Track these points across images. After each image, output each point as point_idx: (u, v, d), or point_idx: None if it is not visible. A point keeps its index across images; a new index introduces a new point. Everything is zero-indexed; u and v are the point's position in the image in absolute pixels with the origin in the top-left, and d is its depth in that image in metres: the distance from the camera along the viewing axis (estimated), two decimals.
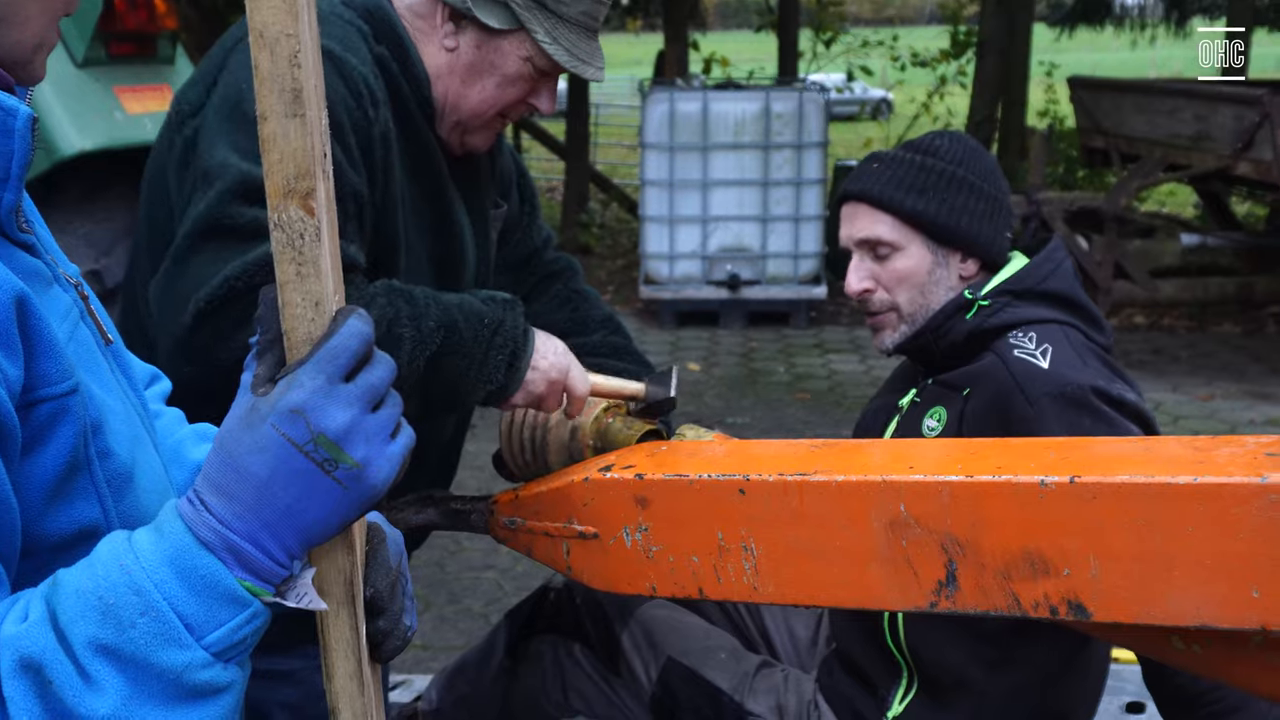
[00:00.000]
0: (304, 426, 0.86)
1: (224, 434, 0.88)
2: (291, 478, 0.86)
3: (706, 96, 8.35)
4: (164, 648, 0.83)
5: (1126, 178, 7.94)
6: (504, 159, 2.05)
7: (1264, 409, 6.39)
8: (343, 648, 0.98)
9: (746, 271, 8.36)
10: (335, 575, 0.96)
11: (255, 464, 0.86)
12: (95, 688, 0.82)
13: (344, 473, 0.87)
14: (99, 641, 0.82)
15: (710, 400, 6.69)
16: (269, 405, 0.87)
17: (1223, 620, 1.25)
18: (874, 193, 1.89)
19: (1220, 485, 1.22)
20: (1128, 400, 1.74)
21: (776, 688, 2.03)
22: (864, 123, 21.79)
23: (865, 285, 1.93)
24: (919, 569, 1.37)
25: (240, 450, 0.86)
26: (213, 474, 0.87)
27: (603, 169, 14.23)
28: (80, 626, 0.82)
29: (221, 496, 0.87)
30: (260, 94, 0.88)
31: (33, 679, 0.81)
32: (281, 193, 0.90)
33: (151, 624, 0.83)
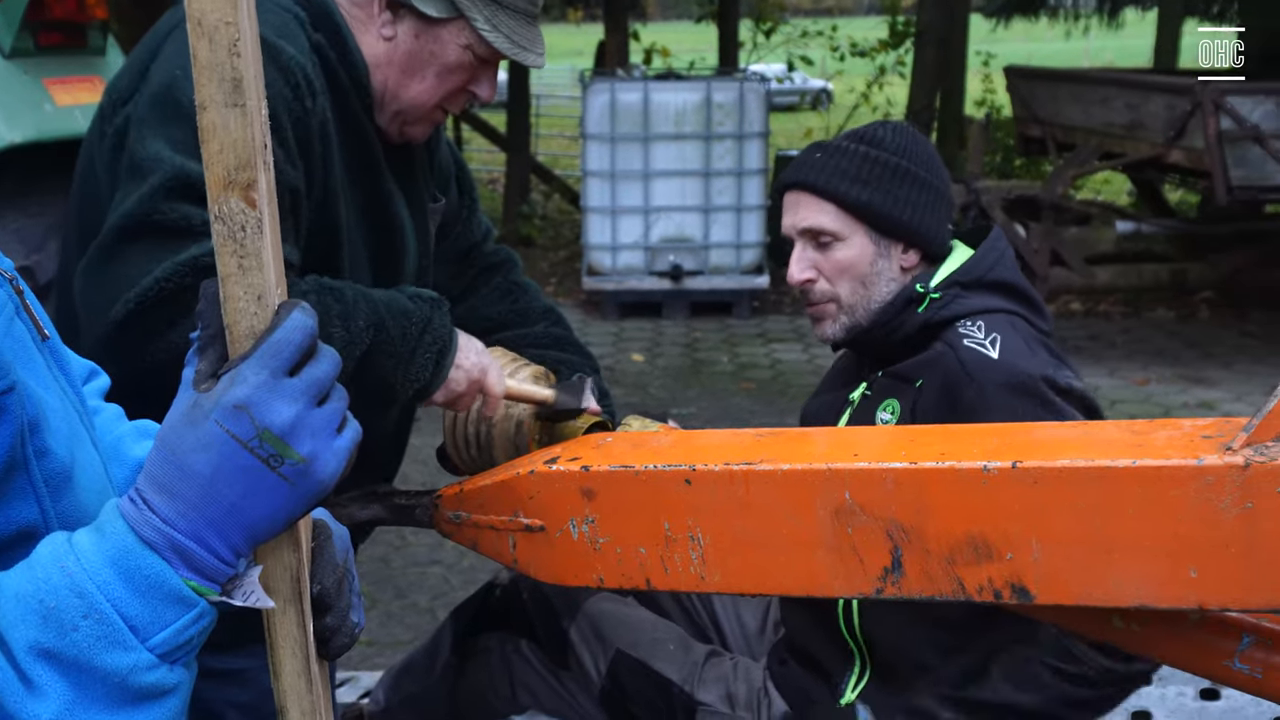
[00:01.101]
0: (248, 422, 0.84)
1: (166, 431, 0.86)
2: (236, 474, 0.85)
3: (647, 87, 8.34)
4: (108, 650, 0.82)
5: (1062, 166, 8.05)
6: (442, 153, 2.03)
7: (1198, 392, 6.51)
8: (290, 645, 0.96)
9: (689, 262, 8.37)
10: (281, 572, 0.95)
11: (199, 461, 0.84)
12: (37, 693, 0.80)
13: (290, 468, 0.86)
14: (40, 646, 0.81)
15: (655, 391, 6.70)
16: (212, 401, 0.85)
17: (1161, 600, 1.27)
18: (818, 182, 1.90)
19: (1158, 468, 1.24)
20: (1074, 388, 1.76)
21: (725, 677, 2.03)
22: (804, 113, 21.91)
23: (807, 275, 1.93)
24: (865, 556, 1.38)
25: (183, 447, 0.85)
26: (155, 472, 0.86)
27: (544, 160, 14.18)
28: (20, 631, 0.81)
29: (164, 495, 0.85)
30: (199, 83, 0.87)
31: None
32: (222, 184, 0.88)
33: (94, 626, 0.82)
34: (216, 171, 0.88)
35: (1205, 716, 2.76)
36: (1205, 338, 7.66)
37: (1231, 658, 1.44)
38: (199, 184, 1.49)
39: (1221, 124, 6.92)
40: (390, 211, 1.80)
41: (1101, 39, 21.77)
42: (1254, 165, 7.01)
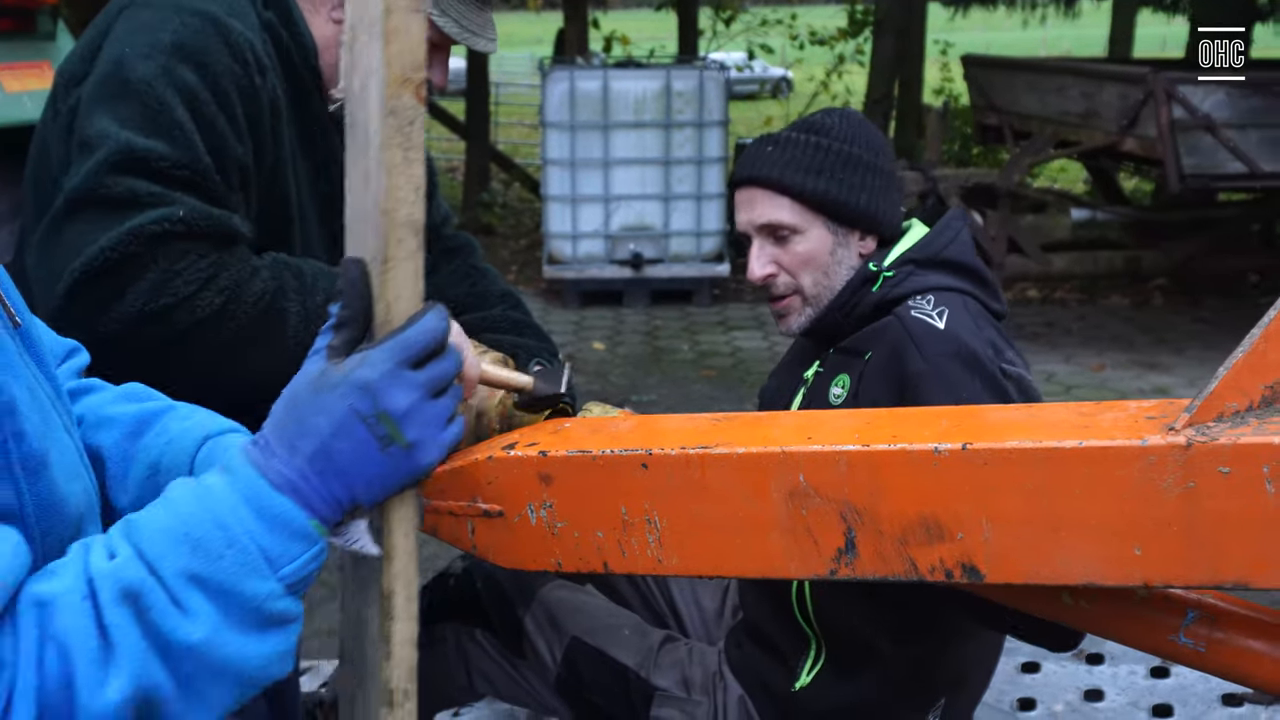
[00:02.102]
0: (370, 402, 0.95)
1: (295, 392, 0.97)
2: (350, 442, 0.95)
3: (607, 75, 8.34)
4: (248, 578, 0.90)
5: (1019, 154, 8.13)
6: None
7: (1152, 378, 6.61)
8: (403, 527, 1.09)
9: (649, 250, 8.38)
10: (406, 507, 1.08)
11: (321, 423, 0.95)
12: (190, 615, 0.88)
13: (396, 449, 0.97)
14: (190, 572, 0.88)
15: (616, 379, 6.71)
16: (341, 375, 0.96)
17: (1108, 578, 1.30)
18: (772, 176, 1.90)
19: (1104, 448, 1.27)
20: (1013, 373, 1.78)
21: (681, 662, 2.05)
22: (764, 101, 21.94)
23: (769, 270, 1.93)
24: (819, 537, 1.39)
25: (309, 410, 0.95)
26: (279, 426, 0.96)
27: (504, 148, 14.14)
28: (171, 560, 0.88)
29: (286, 446, 0.95)
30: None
31: (132, 608, 0.86)
32: (399, 81, 0.97)
33: (237, 556, 0.90)
34: (395, 70, 0.97)
35: (1156, 694, 2.81)
36: (1159, 324, 7.76)
37: (1176, 633, 1.48)
38: (145, 158, 1.49)
39: (1174, 113, 7.01)
40: (343, 191, 1.79)
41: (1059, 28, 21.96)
42: (1206, 154, 7.11)
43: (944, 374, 1.71)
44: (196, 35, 1.56)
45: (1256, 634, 1.45)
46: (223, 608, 0.89)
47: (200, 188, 1.53)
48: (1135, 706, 2.77)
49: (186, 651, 0.87)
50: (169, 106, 1.51)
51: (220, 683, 0.89)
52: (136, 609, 0.86)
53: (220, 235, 1.53)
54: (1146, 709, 2.75)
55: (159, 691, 0.86)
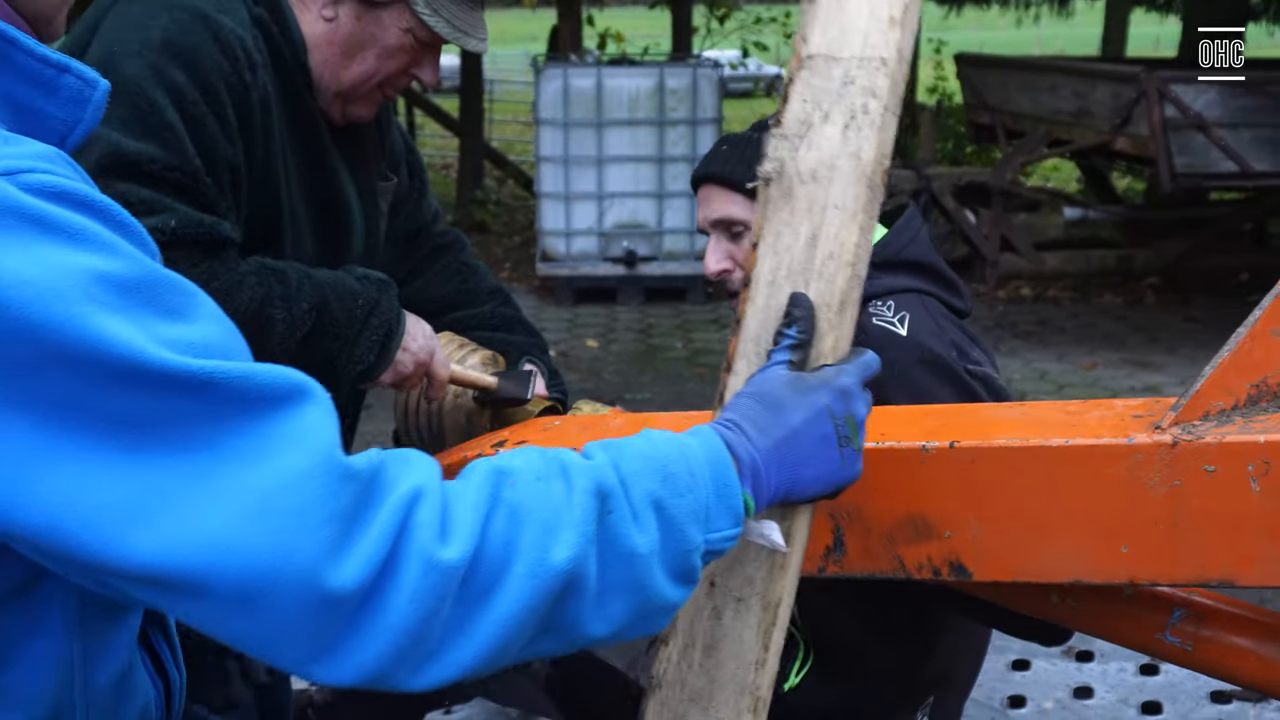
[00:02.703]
0: (844, 404, 1.08)
1: (766, 388, 1.08)
2: (816, 436, 1.06)
3: (601, 72, 8.33)
4: (693, 524, 0.98)
5: (1012, 153, 8.14)
6: (393, 133, 2.03)
7: (1144, 376, 6.62)
8: (798, 550, 1.19)
9: (643, 248, 8.38)
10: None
11: (795, 416, 1.06)
12: (641, 530, 0.95)
13: (849, 451, 1.09)
14: (655, 497, 0.97)
15: (609, 377, 6.71)
16: (819, 380, 1.09)
17: (1095, 575, 1.31)
18: (723, 173, 1.91)
19: (1090, 447, 1.27)
20: (978, 372, 1.77)
21: None
22: (759, 99, 21.96)
23: (723, 265, 1.94)
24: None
25: (786, 404, 1.06)
26: (750, 413, 1.06)
27: (498, 145, 14.12)
28: (642, 481, 0.97)
29: (757, 429, 1.05)
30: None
31: (598, 504, 0.94)
32: (878, 164, 1.14)
33: (692, 502, 0.98)
34: (879, 155, 1.13)
35: (1145, 691, 2.82)
36: (1151, 323, 7.78)
37: (1163, 631, 1.49)
38: (136, 162, 1.49)
39: (1166, 112, 7.03)
40: (335, 187, 1.79)
41: (1052, 27, 21.97)
42: (1197, 153, 7.13)
43: (909, 381, 1.70)
44: (186, 32, 1.56)
45: (1242, 631, 1.46)
46: (664, 539, 0.97)
47: (191, 191, 1.53)
48: (1125, 704, 2.78)
49: (624, 559, 0.94)
50: (159, 108, 1.51)
51: (626, 602, 0.96)
52: (601, 506, 0.94)
53: (210, 242, 1.54)
54: (1136, 706, 2.77)
55: (584, 581, 0.92)
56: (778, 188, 1.16)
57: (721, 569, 1.19)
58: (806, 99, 1.14)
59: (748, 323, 1.18)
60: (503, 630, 0.89)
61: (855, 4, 1.13)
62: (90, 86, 0.95)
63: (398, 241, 2.07)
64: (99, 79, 0.96)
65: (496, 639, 0.89)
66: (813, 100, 1.14)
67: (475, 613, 0.88)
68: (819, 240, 1.14)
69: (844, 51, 1.13)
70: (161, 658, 1.16)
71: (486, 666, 0.90)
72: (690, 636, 1.20)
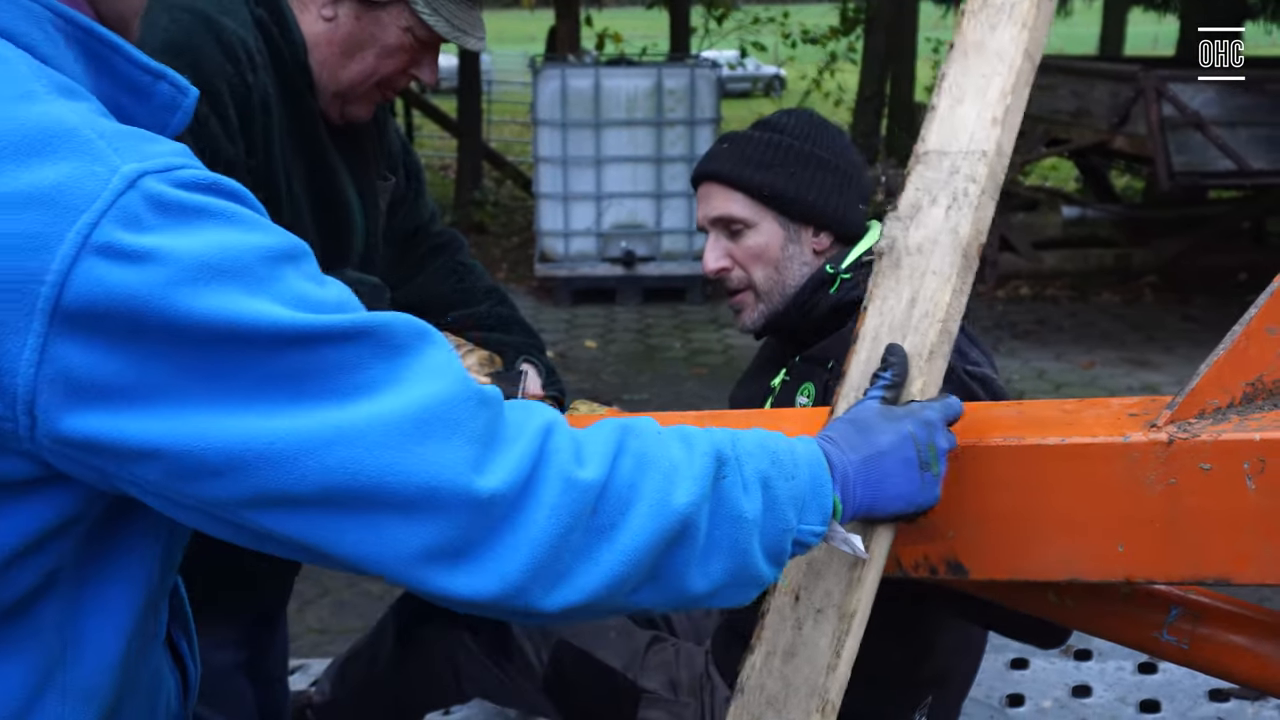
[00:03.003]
0: (926, 433, 1.19)
1: (861, 415, 1.21)
2: (899, 459, 1.17)
3: (599, 73, 8.34)
4: (790, 509, 1.08)
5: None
6: (390, 134, 2.03)
7: (1142, 375, 6.63)
8: (877, 566, 1.30)
9: (641, 248, 8.39)
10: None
11: (883, 439, 1.18)
12: (749, 498, 1.05)
13: (929, 476, 1.19)
14: (764, 475, 1.07)
15: (607, 377, 6.72)
16: (906, 411, 1.22)
17: (1091, 574, 1.31)
18: (723, 171, 1.91)
19: (1086, 445, 1.28)
20: (977, 373, 1.78)
21: (668, 663, 2.04)
22: (757, 99, 21.97)
23: (722, 264, 1.94)
24: None
25: (875, 428, 1.19)
26: (844, 432, 1.19)
27: (496, 146, 14.12)
28: (755, 460, 1.07)
29: (848, 445, 1.17)
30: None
31: (714, 468, 1.04)
32: (976, 239, 1.31)
33: (792, 489, 1.08)
34: (977, 230, 1.32)
35: (1143, 689, 2.82)
36: (1149, 321, 7.78)
37: (1160, 630, 1.49)
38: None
39: (1163, 111, 7.04)
40: (335, 187, 1.79)
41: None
42: (1195, 151, 7.14)
43: None
44: (188, 33, 1.56)
45: (1239, 629, 1.46)
46: (766, 514, 1.06)
47: None
48: (1123, 702, 2.78)
49: (732, 520, 1.04)
50: None
51: (726, 562, 1.04)
52: (717, 470, 1.04)
53: None
54: (1134, 705, 2.77)
55: (695, 532, 1.01)
56: (888, 260, 1.33)
57: (806, 583, 1.29)
58: (919, 188, 1.32)
59: (851, 373, 1.33)
60: (624, 563, 0.97)
61: (965, 110, 1.32)
62: (182, 94, 1.01)
63: (395, 242, 2.07)
64: (189, 87, 1.01)
65: (618, 570, 0.97)
66: (924, 188, 1.32)
67: (602, 541, 0.97)
68: (917, 301, 1.29)
69: (952, 146, 1.32)
70: (180, 651, 1.18)
71: (604, 599, 0.98)
72: (773, 645, 1.30)
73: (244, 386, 0.86)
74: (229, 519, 0.90)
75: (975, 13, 1.37)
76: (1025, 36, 1.33)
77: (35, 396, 0.83)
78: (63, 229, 0.81)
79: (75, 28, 0.94)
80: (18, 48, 0.89)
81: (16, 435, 0.84)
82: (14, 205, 0.82)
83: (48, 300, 0.81)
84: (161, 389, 0.84)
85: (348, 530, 0.90)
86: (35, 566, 0.92)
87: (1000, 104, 1.31)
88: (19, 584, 0.92)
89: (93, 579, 0.96)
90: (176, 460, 0.85)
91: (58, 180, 0.83)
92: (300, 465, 0.86)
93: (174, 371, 0.84)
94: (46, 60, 0.91)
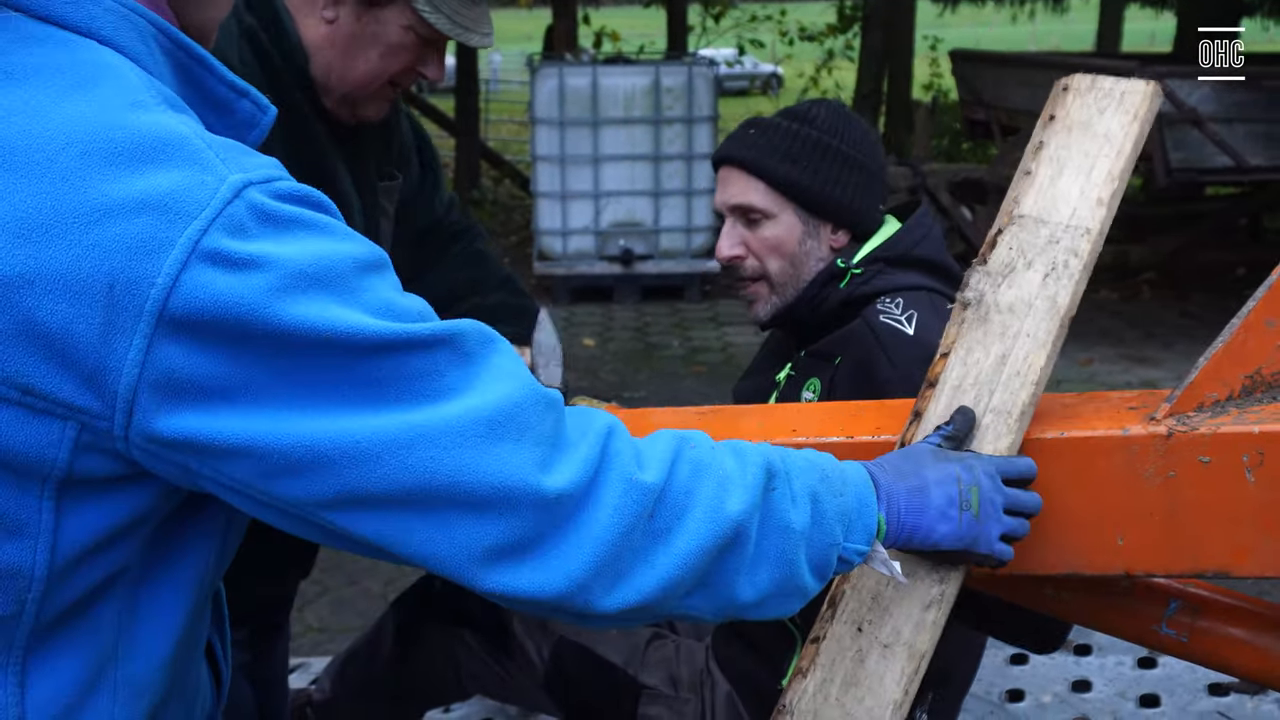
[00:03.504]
0: (970, 475, 1.22)
1: (915, 452, 1.25)
2: (940, 491, 1.20)
3: (596, 71, 8.33)
4: (836, 525, 1.11)
5: (1007, 149, 8.14)
6: (401, 130, 2.02)
7: (1140, 372, 6.63)
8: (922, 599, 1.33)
9: (639, 246, 8.38)
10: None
11: (929, 472, 1.21)
12: (797, 511, 1.08)
13: (968, 515, 1.21)
14: (813, 491, 1.10)
15: (606, 375, 6.72)
16: (957, 455, 1.25)
17: (1090, 567, 1.31)
18: (748, 159, 1.89)
19: (1085, 439, 1.28)
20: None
21: (669, 659, 2.04)
22: (755, 97, 21.95)
23: (736, 251, 1.92)
24: None
25: (922, 463, 1.22)
26: (893, 461, 1.22)
27: (494, 145, 14.12)
28: (804, 477, 1.11)
29: (895, 473, 1.20)
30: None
31: (766, 478, 1.07)
32: (1067, 312, 1.34)
33: (839, 505, 1.12)
34: (1072, 304, 1.34)
35: (1143, 684, 2.82)
36: (1147, 318, 7.79)
37: (1159, 623, 1.49)
38: None
39: (1160, 107, 7.03)
40: (335, 190, 1.79)
41: (1047, 23, 21.99)
42: (1193, 148, 7.14)
43: (914, 380, 1.70)
44: None
45: (1238, 622, 1.47)
46: (814, 527, 1.09)
47: None
48: (1123, 697, 2.79)
49: (781, 531, 1.07)
50: None
51: (773, 572, 1.07)
52: (768, 482, 1.07)
53: None
54: (1134, 699, 2.77)
55: (746, 540, 1.05)
56: (974, 313, 1.36)
57: (872, 617, 1.32)
58: (1013, 248, 1.37)
59: (928, 416, 1.35)
60: (679, 567, 1.00)
61: (1067, 184, 1.37)
62: (261, 112, 1.05)
63: (412, 239, 2.06)
64: (269, 106, 1.05)
65: (674, 574, 1.00)
66: (1019, 250, 1.36)
67: (659, 544, 1.00)
68: (1008, 360, 1.33)
69: (1052, 217, 1.36)
70: (215, 652, 1.20)
71: (659, 602, 1.01)
72: (830, 673, 1.31)
73: (333, 390, 0.90)
74: (306, 517, 0.94)
75: (1082, 92, 1.43)
76: (1136, 129, 1.39)
77: (136, 396, 0.86)
78: (174, 235, 0.84)
79: (171, 42, 0.97)
80: (127, 58, 0.93)
81: (110, 434, 0.87)
82: (128, 210, 0.84)
83: (156, 303, 0.84)
84: (257, 391, 0.88)
85: (418, 529, 0.93)
86: (103, 565, 0.94)
87: (1107, 186, 1.37)
88: (85, 581, 0.94)
89: (151, 579, 0.99)
90: (266, 458, 0.89)
91: (171, 187, 0.85)
92: (382, 465, 0.90)
93: (270, 375, 0.88)
94: (149, 72, 0.94)
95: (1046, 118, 1.42)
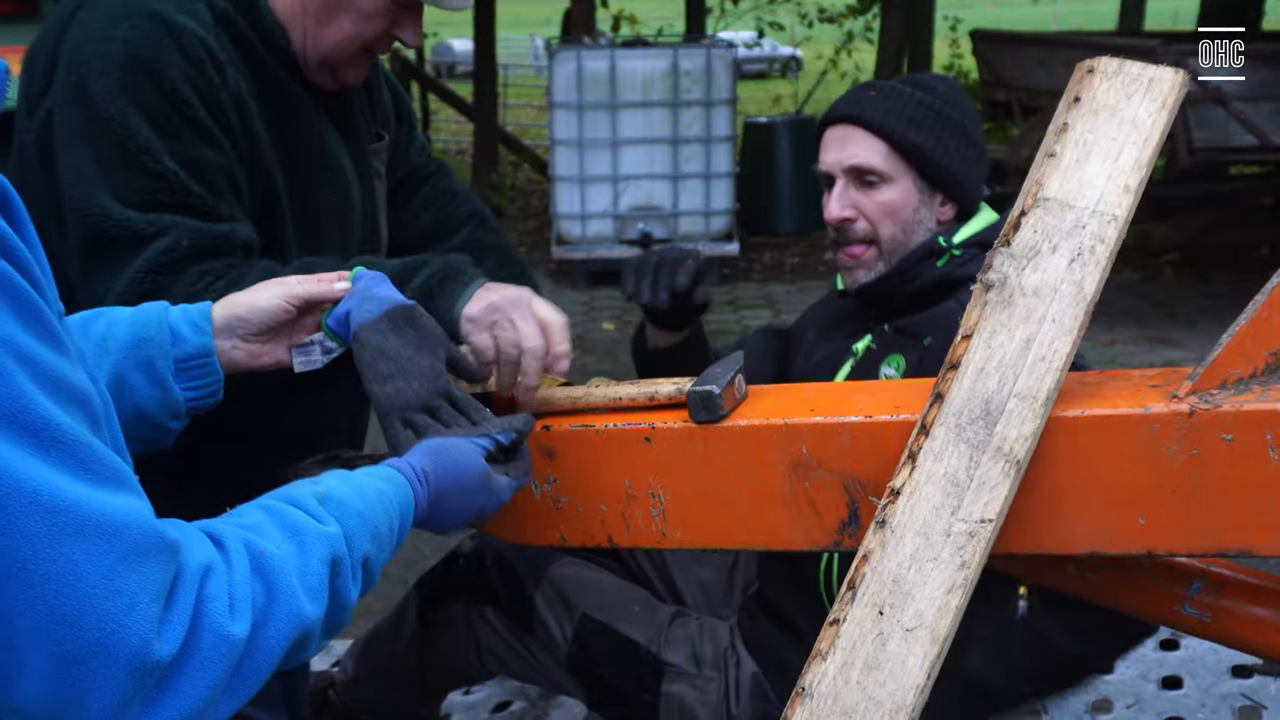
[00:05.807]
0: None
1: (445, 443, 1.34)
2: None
3: (614, 54, 8.31)
4: (378, 571, 1.20)
5: (1028, 129, 8.09)
6: (380, 88, 1.99)
7: (1163, 353, 6.59)
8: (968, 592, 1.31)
9: (658, 230, 8.37)
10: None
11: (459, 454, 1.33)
12: (356, 586, 1.14)
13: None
14: (367, 557, 1.16)
15: (626, 359, 6.69)
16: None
17: (1112, 546, 1.30)
18: (873, 119, 1.85)
19: (1106, 417, 1.27)
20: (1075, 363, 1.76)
21: (692, 637, 2.05)
22: (774, 80, 21.87)
23: (847, 213, 1.88)
24: (822, 509, 1.40)
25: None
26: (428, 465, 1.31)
27: (512, 130, 14.10)
28: (360, 544, 1.15)
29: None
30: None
31: (330, 571, 1.10)
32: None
33: (386, 553, 1.20)
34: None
35: (1165, 666, 2.81)
36: (1169, 298, 7.73)
37: (1182, 603, 1.48)
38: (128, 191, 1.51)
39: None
40: (332, 161, 1.77)
41: (1069, 3, 21.80)
42: (1216, 127, 7.07)
43: None
44: (147, 41, 1.54)
45: (1262, 602, 1.45)
46: (365, 585, 1.17)
47: (189, 205, 1.54)
48: (1144, 679, 2.77)
49: (341, 609, 1.12)
50: (134, 131, 1.51)
51: (331, 636, 1.15)
52: (334, 572, 1.11)
53: (229, 248, 1.56)
54: (1156, 681, 2.75)
55: (316, 626, 1.08)
56: (998, 295, 1.34)
57: (894, 600, 1.29)
58: (1037, 231, 1.35)
59: (951, 398, 1.31)
60: (259, 682, 1.01)
61: (1094, 168, 1.36)
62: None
63: (392, 191, 2.02)
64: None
65: (251, 691, 1.00)
66: (1044, 234, 1.34)
67: (244, 690, 1.00)
68: (1033, 344, 1.31)
69: (1078, 201, 1.35)
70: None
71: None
72: (851, 656, 1.30)
73: None
74: None
75: (1109, 76, 1.41)
76: (1164, 117, 1.37)
77: None
78: None
79: None
80: None
81: None
82: None
83: None
84: None
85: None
86: None
87: (1135, 174, 1.36)
88: None
89: None
90: None
91: None
92: None
93: None
94: None
95: (1071, 99, 1.40)
